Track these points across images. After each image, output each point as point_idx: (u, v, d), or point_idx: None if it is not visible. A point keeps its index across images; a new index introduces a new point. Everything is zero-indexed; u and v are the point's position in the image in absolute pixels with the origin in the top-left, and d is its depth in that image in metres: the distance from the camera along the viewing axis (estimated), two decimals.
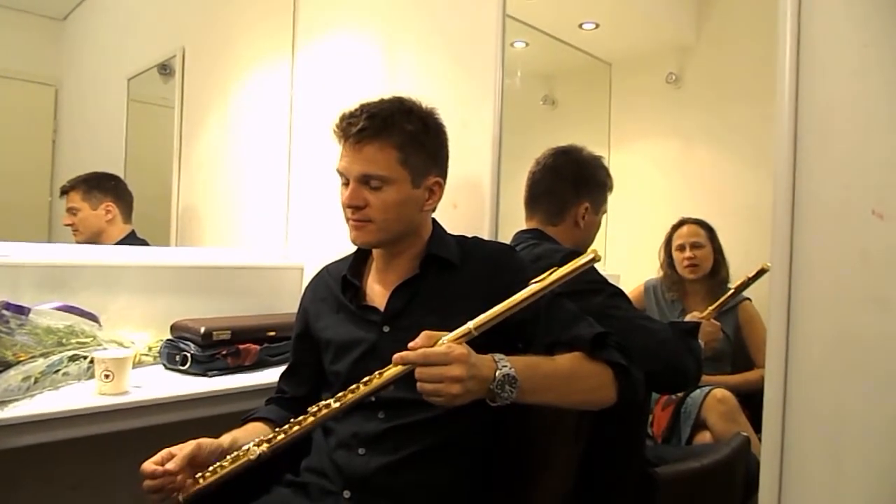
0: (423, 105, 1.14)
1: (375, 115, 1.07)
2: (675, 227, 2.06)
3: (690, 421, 1.72)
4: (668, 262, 2.05)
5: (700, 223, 2.02)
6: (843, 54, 1.04)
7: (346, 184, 1.10)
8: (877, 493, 1.03)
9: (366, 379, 0.94)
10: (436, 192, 1.15)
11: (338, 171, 1.12)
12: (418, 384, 0.88)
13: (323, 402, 0.97)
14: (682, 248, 2.02)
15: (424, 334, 0.91)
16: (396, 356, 0.91)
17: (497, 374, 0.90)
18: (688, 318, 1.72)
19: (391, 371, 0.92)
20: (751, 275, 1.70)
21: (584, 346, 1.01)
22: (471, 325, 0.92)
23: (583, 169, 1.44)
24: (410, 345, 0.90)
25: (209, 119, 2.50)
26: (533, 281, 0.94)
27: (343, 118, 1.10)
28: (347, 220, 1.11)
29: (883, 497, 1.02)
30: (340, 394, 0.96)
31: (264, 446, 0.97)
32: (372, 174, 1.07)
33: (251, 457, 0.97)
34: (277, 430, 0.98)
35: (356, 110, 1.09)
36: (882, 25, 1.01)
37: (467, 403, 0.91)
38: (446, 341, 0.90)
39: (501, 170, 1.75)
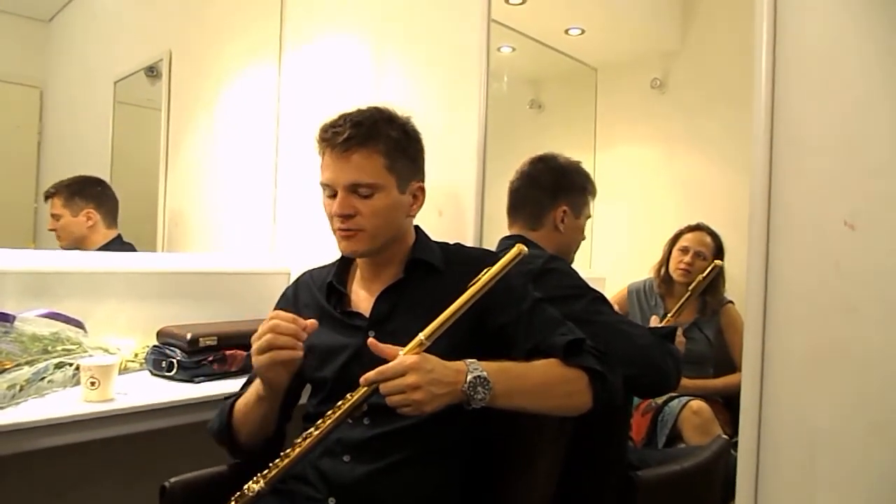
0: (400, 112, 1.16)
1: (360, 122, 1.08)
2: (688, 229, 2.05)
3: (667, 430, 1.75)
4: (666, 258, 2.06)
5: (713, 235, 2.02)
6: (817, 68, 1.07)
7: (332, 195, 1.10)
8: (848, 492, 1.05)
9: (339, 403, 0.96)
10: (419, 196, 1.17)
11: (322, 183, 1.12)
12: (386, 400, 0.91)
13: (306, 433, 0.98)
14: (685, 250, 2.02)
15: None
16: (361, 379, 0.93)
17: (468, 377, 0.92)
18: (652, 322, 1.74)
19: (358, 392, 0.94)
20: (704, 274, 1.72)
21: (558, 352, 1.02)
22: (421, 335, 0.94)
23: (558, 173, 1.46)
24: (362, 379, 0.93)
25: (196, 122, 2.49)
26: (469, 284, 0.97)
27: (325, 128, 1.10)
28: (335, 230, 1.12)
29: (853, 496, 1.05)
30: (319, 421, 0.97)
31: (262, 482, 0.98)
32: (361, 182, 1.08)
33: (251, 494, 0.99)
34: (271, 465, 0.99)
35: (338, 119, 1.10)
36: (856, 39, 1.03)
37: (448, 410, 0.93)
38: (402, 354, 0.93)
39: (486, 175, 1.77)
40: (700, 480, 1.34)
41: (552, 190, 1.45)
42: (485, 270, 0.97)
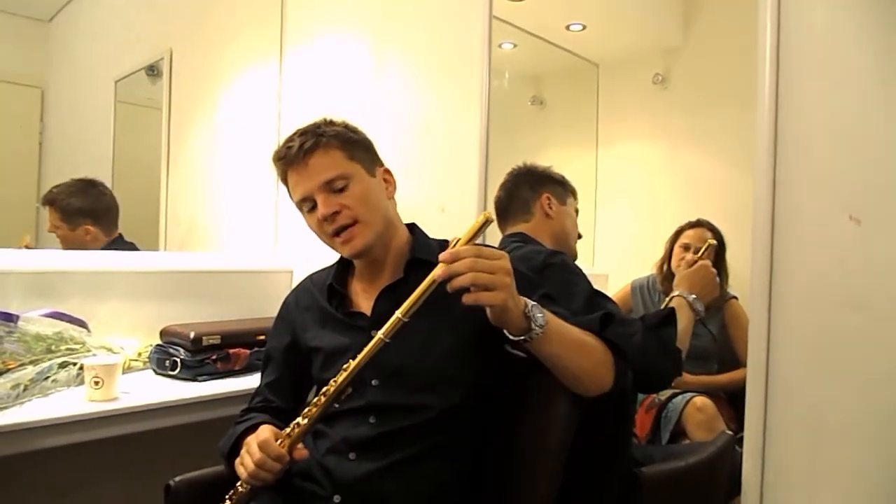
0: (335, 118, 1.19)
1: (305, 132, 1.12)
2: (689, 226, 2.05)
3: (670, 426, 1.75)
4: (668, 255, 2.06)
5: (714, 231, 2.01)
6: (821, 65, 1.06)
7: (312, 209, 1.12)
8: (852, 488, 1.05)
9: (334, 378, 0.97)
10: (389, 179, 1.19)
11: (298, 202, 1.13)
12: (465, 278, 0.86)
13: (303, 413, 0.99)
14: (686, 247, 2.02)
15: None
16: (444, 254, 0.88)
17: (528, 302, 0.92)
18: (675, 262, 1.74)
19: (364, 353, 0.95)
20: (699, 255, 1.71)
21: (594, 325, 1.02)
22: (398, 313, 0.93)
23: (534, 172, 1.57)
24: (442, 256, 0.88)
25: (198, 121, 2.49)
26: (440, 257, 0.92)
27: (278, 152, 1.13)
28: (330, 238, 1.12)
29: (857, 491, 1.05)
30: (315, 399, 0.99)
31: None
32: (332, 177, 1.09)
33: (247, 490, 1.02)
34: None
35: (285, 141, 1.13)
36: (858, 37, 1.03)
37: (452, 407, 0.95)
38: (379, 334, 0.93)
39: (489, 172, 1.77)
40: (705, 477, 1.33)
41: (531, 184, 1.55)
42: (454, 240, 0.94)
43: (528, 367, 1.02)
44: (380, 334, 0.94)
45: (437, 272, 0.89)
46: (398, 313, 0.93)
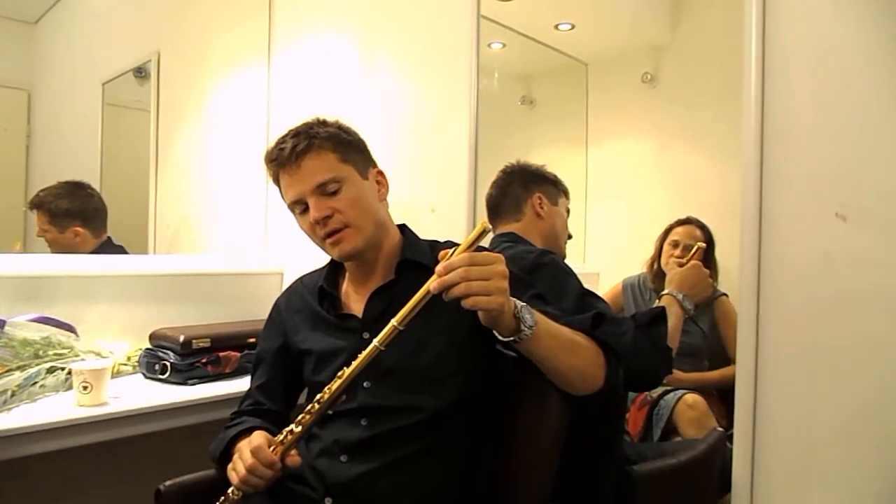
0: (328, 118, 1.18)
1: (297, 133, 1.11)
2: (678, 223, 2.05)
3: (662, 423, 1.75)
4: (658, 253, 2.07)
5: (702, 228, 2.02)
6: (807, 60, 1.07)
7: (304, 210, 1.11)
8: (842, 482, 1.06)
9: (329, 385, 0.97)
10: (382, 181, 1.19)
11: (290, 203, 1.13)
12: (459, 288, 0.86)
13: (296, 420, 0.98)
14: (675, 244, 2.02)
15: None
16: (439, 267, 0.88)
17: (517, 303, 0.92)
18: (664, 259, 1.74)
19: (359, 360, 0.94)
20: (688, 258, 1.72)
21: (585, 324, 1.02)
22: (394, 321, 0.92)
23: (527, 171, 1.57)
24: (438, 268, 0.88)
25: (186, 123, 2.48)
26: (436, 270, 0.91)
27: (270, 153, 1.12)
28: (322, 240, 1.12)
29: (847, 486, 1.06)
30: (309, 406, 0.98)
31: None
32: (324, 180, 1.09)
33: (239, 496, 1.01)
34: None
35: (278, 142, 1.12)
36: (843, 33, 1.04)
37: (447, 407, 0.95)
38: (375, 342, 0.93)
39: (479, 172, 1.77)
40: (697, 473, 1.33)
41: (524, 182, 1.54)
42: (452, 250, 0.93)
43: (520, 367, 1.02)
44: (375, 342, 0.93)
45: (432, 284, 0.89)
46: (394, 321, 0.92)
